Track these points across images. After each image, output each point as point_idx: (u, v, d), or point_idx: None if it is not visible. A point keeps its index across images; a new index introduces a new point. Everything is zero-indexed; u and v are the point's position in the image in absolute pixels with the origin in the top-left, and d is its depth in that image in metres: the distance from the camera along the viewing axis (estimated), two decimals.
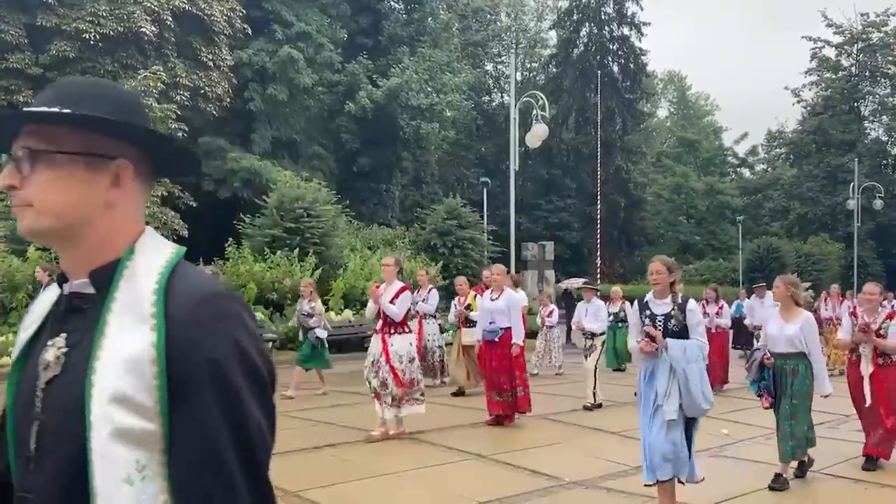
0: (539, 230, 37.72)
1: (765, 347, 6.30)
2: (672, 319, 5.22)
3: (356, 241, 21.87)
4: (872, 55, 44.76)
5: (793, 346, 6.14)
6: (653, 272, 5.31)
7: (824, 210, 42.66)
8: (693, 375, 5.05)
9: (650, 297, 5.38)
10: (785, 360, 6.16)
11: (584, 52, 41.91)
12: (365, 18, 31.95)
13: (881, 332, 6.81)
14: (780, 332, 6.20)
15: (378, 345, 7.73)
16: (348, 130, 30.05)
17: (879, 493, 6.15)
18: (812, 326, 6.19)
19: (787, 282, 6.38)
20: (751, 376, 6.33)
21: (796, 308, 6.28)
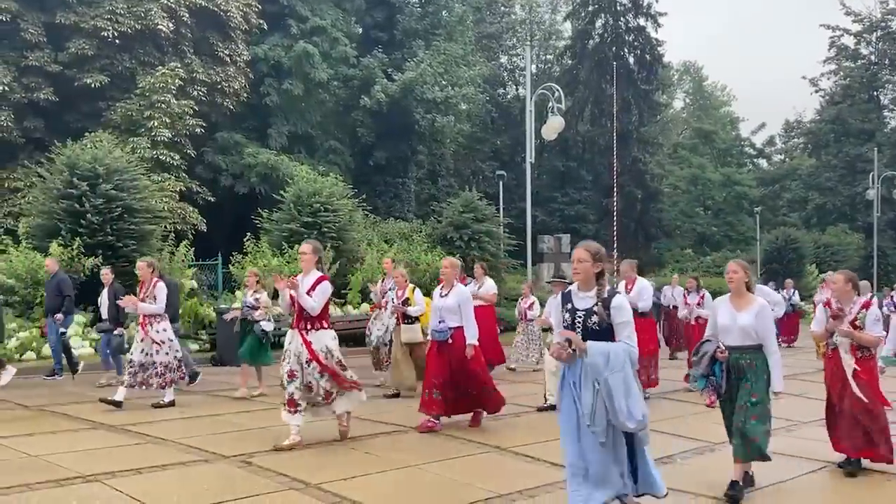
0: (555, 223, 37.67)
1: (716, 339, 5.69)
2: (594, 317, 4.54)
3: (373, 235, 21.93)
4: (892, 43, 44.27)
5: (748, 337, 5.55)
6: (574, 260, 4.66)
7: (843, 200, 42.31)
8: (616, 387, 4.37)
9: (574, 289, 4.72)
10: (740, 354, 5.56)
11: (599, 43, 41.70)
12: (379, 12, 31.96)
13: (857, 322, 6.32)
14: (732, 323, 5.60)
15: (298, 343, 6.94)
16: (364, 125, 30.10)
17: None
18: (767, 314, 5.58)
19: (745, 265, 5.78)
20: (699, 370, 5.67)
21: (749, 295, 5.66)
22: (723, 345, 5.59)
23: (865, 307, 6.35)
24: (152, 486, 5.73)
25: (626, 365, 4.44)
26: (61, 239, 14.67)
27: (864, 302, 6.40)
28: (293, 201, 18.89)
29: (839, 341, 6.34)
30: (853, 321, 6.30)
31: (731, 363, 5.57)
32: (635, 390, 4.45)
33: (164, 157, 20.42)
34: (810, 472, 6.47)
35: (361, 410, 9.00)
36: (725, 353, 5.56)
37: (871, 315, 6.31)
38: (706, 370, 5.62)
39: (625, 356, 4.44)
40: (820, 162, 45.69)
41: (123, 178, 16.04)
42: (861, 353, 6.34)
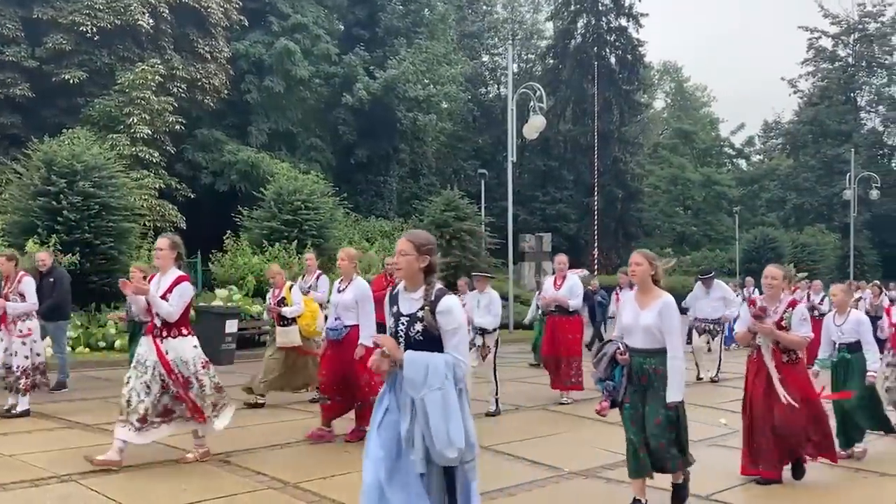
0: (536, 222, 37.75)
1: (619, 339, 5.09)
2: (417, 323, 3.74)
3: (354, 234, 21.89)
4: (869, 45, 44.81)
5: (652, 339, 4.88)
6: (396, 253, 3.89)
7: (821, 200, 42.77)
8: (433, 407, 3.57)
9: (401, 289, 3.92)
10: (644, 358, 4.90)
11: (581, 43, 41.83)
12: (361, 10, 31.88)
13: (783, 322, 5.79)
14: (635, 322, 4.94)
15: (151, 352, 6.11)
16: (345, 122, 30.01)
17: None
18: (672, 312, 4.88)
19: (652, 257, 5.05)
20: (598, 373, 5.07)
21: (655, 290, 4.96)
22: (623, 346, 5.00)
23: (792, 306, 5.87)
24: (129, 485, 5.68)
25: (448, 381, 3.63)
26: (38, 237, 14.50)
27: (790, 300, 5.92)
28: (273, 199, 18.82)
29: (762, 342, 5.83)
30: (779, 321, 5.80)
31: (633, 368, 4.94)
32: (457, 412, 3.63)
33: (143, 154, 20.24)
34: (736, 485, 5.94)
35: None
36: (626, 356, 4.95)
37: (798, 314, 5.82)
38: (605, 373, 5.04)
39: (447, 370, 3.64)
40: (798, 162, 46.16)
41: (101, 175, 15.89)
42: (787, 357, 5.84)
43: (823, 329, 7.16)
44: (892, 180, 41.70)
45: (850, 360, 6.89)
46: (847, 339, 6.93)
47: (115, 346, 13.52)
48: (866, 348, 6.83)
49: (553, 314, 9.76)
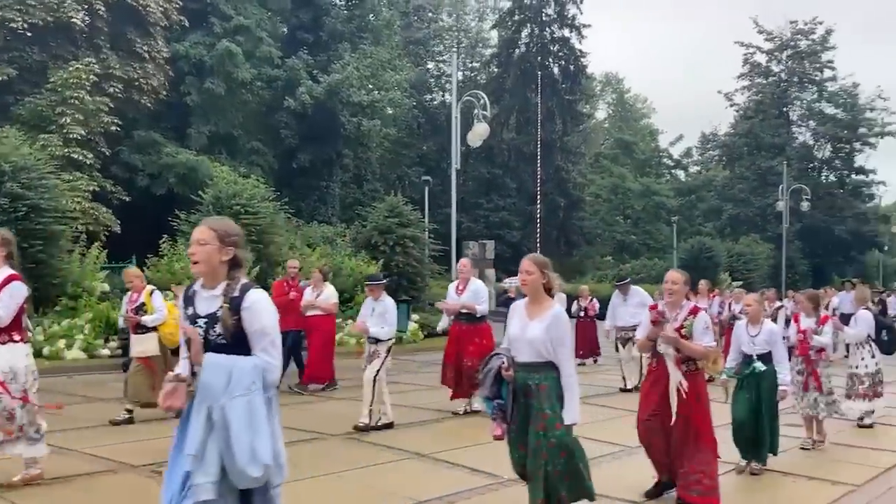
0: (480, 229, 37.93)
1: (506, 352, 4.58)
2: (216, 325, 3.22)
3: (295, 239, 21.59)
4: (801, 62, 46.42)
5: (538, 352, 4.43)
6: (193, 243, 3.35)
7: (755, 211, 44.02)
8: (236, 417, 3.08)
9: (198, 287, 3.39)
10: (528, 373, 4.43)
11: (525, 52, 42.29)
12: (305, 13, 31.60)
13: (683, 331, 5.42)
14: (521, 334, 4.51)
15: None
16: (288, 126, 29.67)
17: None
18: (561, 325, 4.50)
19: (543, 264, 4.60)
20: (484, 391, 4.57)
21: (547, 301, 4.56)
22: (509, 360, 4.49)
23: (693, 313, 5.48)
24: (56, 499, 5.45)
25: (255, 388, 3.15)
26: None
27: (692, 307, 5.56)
28: (212, 203, 18.41)
29: (664, 351, 5.47)
30: (678, 328, 5.41)
31: (517, 384, 4.46)
32: (264, 424, 3.15)
33: (76, 155, 19.62)
34: None
35: None
36: (510, 372, 4.44)
37: (700, 323, 5.45)
38: (491, 391, 4.53)
39: (254, 375, 3.17)
40: (734, 174, 47.44)
41: (31, 176, 15.29)
42: (686, 367, 5.43)
43: (733, 338, 6.92)
44: (821, 192, 43.21)
45: (762, 373, 6.63)
46: (759, 350, 6.69)
47: None
48: (778, 360, 6.61)
49: (459, 321, 9.15)
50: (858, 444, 8.26)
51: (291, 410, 9.34)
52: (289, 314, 10.66)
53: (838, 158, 46.96)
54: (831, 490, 6.34)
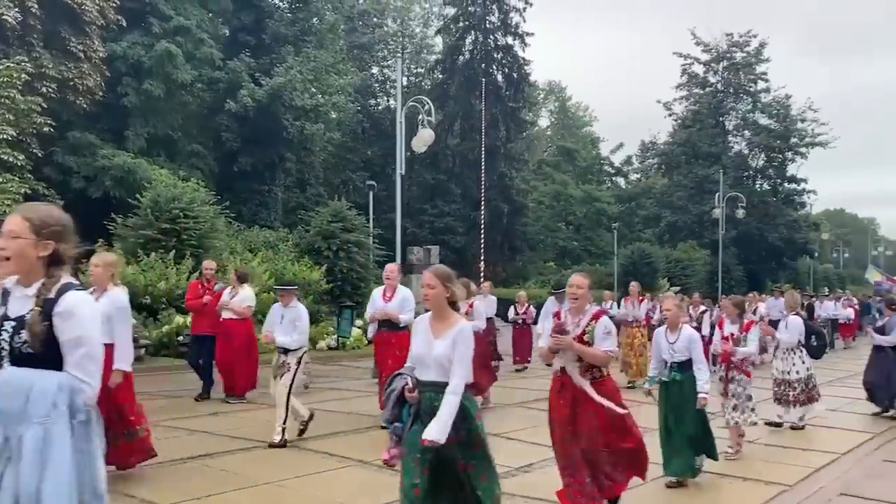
0: (425, 234, 37.92)
1: (409, 372, 4.25)
2: (23, 332, 2.74)
3: (236, 244, 21.27)
4: (736, 73, 47.75)
5: (444, 371, 4.10)
6: (4, 236, 2.82)
7: (692, 218, 45.04)
8: (26, 452, 2.61)
9: (12, 284, 2.90)
10: (436, 393, 4.07)
11: (469, 59, 42.50)
12: (247, 15, 31.16)
13: (585, 337, 5.16)
14: (427, 351, 4.17)
15: None
16: (229, 129, 29.20)
17: None
18: (466, 341, 4.13)
19: (446, 276, 4.24)
20: (385, 414, 4.29)
21: (452, 316, 4.23)
22: (413, 381, 4.17)
23: (596, 318, 5.21)
24: None
25: (57, 414, 2.65)
26: None
27: (595, 312, 5.27)
28: (150, 206, 18.02)
29: (566, 362, 5.22)
30: (581, 335, 5.16)
31: (422, 405, 4.13)
32: (64, 459, 2.64)
33: (6, 156, 18.90)
34: None
35: (215, 425, 8.62)
36: (415, 394, 4.13)
37: (601, 327, 5.18)
38: (391, 414, 4.23)
39: (58, 397, 2.67)
40: (672, 182, 48.47)
41: None
42: (591, 375, 5.18)
43: (654, 345, 6.80)
44: (755, 200, 44.48)
45: (682, 380, 6.48)
46: (679, 357, 6.52)
47: None
48: (697, 367, 6.45)
49: (381, 330, 8.82)
50: (791, 445, 8.52)
51: (229, 418, 9.19)
52: (203, 318, 10.56)
53: (771, 167, 48.45)
54: (765, 490, 6.52)
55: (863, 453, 8.32)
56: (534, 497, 5.91)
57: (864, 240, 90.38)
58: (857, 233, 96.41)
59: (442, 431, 3.93)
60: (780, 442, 8.62)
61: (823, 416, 10.37)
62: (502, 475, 6.45)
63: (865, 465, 7.78)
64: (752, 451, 8.03)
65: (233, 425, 8.52)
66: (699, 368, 6.46)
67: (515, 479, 6.44)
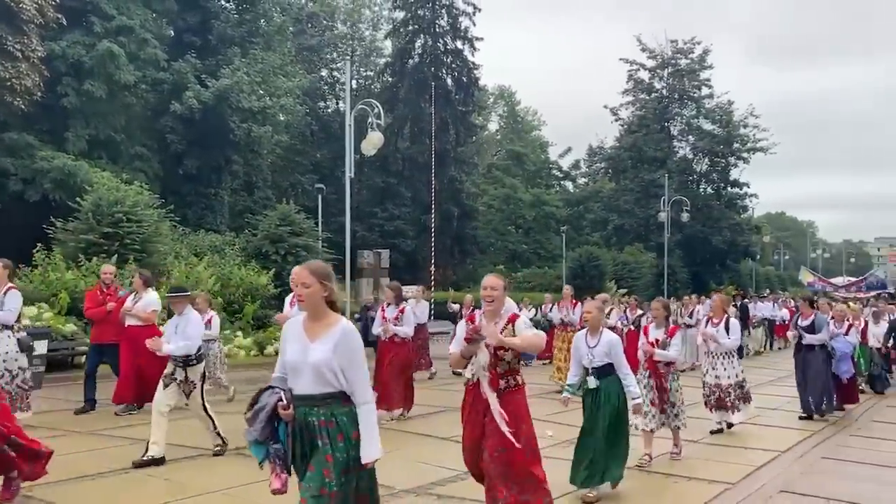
0: (375, 238, 37.78)
1: (283, 384, 3.69)
2: None
3: (181, 248, 20.86)
4: (680, 79, 48.69)
5: (324, 381, 3.55)
6: None
7: (639, 221, 45.76)
8: None
9: None
10: (310, 408, 3.55)
11: (418, 63, 42.52)
12: (193, 16, 30.65)
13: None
14: (302, 359, 3.60)
15: None
16: (174, 131, 28.66)
17: None
18: (353, 343, 3.62)
19: (315, 271, 3.70)
20: (253, 434, 3.68)
21: (330, 315, 3.70)
22: (286, 396, 3.59)
23: (511, 322, 4.84)
24: None
25: None
26: None
27: (511, 315, 4.90)
28: (92, 210, 17.55)
29: (476, 367, 4.78)
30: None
31: (299, 423, 3.58)
32: None
33: None
34: None
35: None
36: (290, 411, 3.56)
37: (521, 324, 4.88)
38: (263, 433, 3.66)
39: None
40: (619, 186, 49.18)
41: None
42: (505, 382, 4.79)
43: (573, 350, 6.47)
44: (700, 204, 45.41)
45: (600, 387, 6.15)
46: (598, 362, 6.18)
47: None
48: (622, 373, 6.14)
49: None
50: (733, 444, 8.70)
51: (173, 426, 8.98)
52: (107, 325, 9.83)
53: (715, 172, 49.52)
54: (708, 489, 6.64)
55: (802, 451, 8.54)
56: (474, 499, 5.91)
57: (803, 242, 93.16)
58: (796, 235, 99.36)
59: (375, 447, 3.59)
60: (723, 441, 8.80)
61: (767, 415, 10.63)
62: (448, 479, 6.47)
63: (804, 462, 7.99)
64: (696, 451, 8.17)
65: (176, 433, 8.33)
66: (625, 374, 6.16)
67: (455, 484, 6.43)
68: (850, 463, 7.98)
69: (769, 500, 6.43)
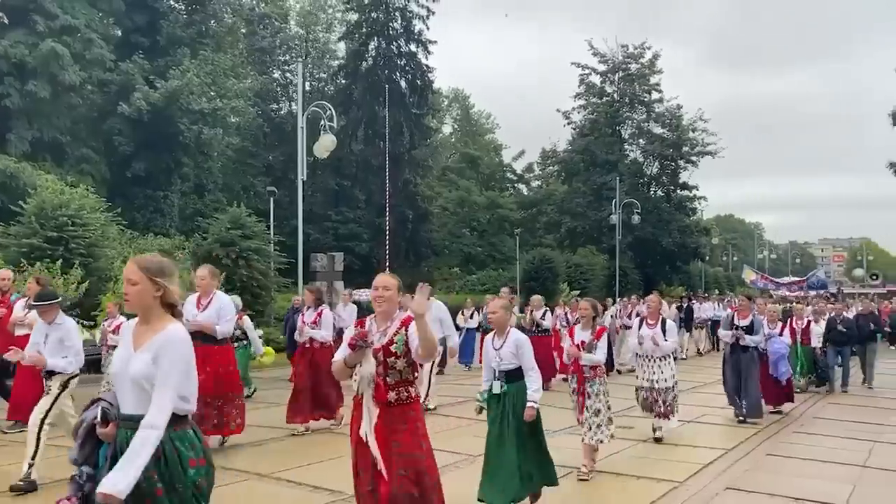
0: (329, 241, 37.49)
1: (111, 397, 3.19)
2: None
3: (129, 252, 20.43)
4: (631, 83, 49.39)
5: (145, 399, 3.04)
6: None
7: (591, 224, 46.28)
8: None
9: None
10: (130, 431, 3.02)
11: (372, 65, 42.38)
12: (141, 16, 30.08)
13: (393, 347, 4.20)
14: (123, 369, 3.13)
15: None
16: (122, 133, 28.10)
17: None
18: (171, 356, 3.09)
19: (147, 267, 3.20)
20: (72, 453, 3.19)
21: (163, 318, 3.21)
22: (106, 412, 3.10)
23: (405, 324, 4.30)
24: None
25: None
26: None
27: (404, 318, 4.33)
28: (35, 214, 17.08)
29: (361, 377, 4.24)
30: (388, 345, 4.22)
31: (118, 444, 3.05)
32: None
33: None
34: None
35: None
36: (109, 429, 3.07)
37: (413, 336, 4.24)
38: (81, 454, 3.15)
39: None
40: (572, 188, 49.66)
41: None
42: (396, 394, 4.19)
43: (483, 353, 5.97)
44: (650, 207, 46.11)
45: (509, 392, 5.60)
46: (506, 365, 5.67)
47: None
48: (528, 374, 5.63)
49: (196, 342, 8.08)
50: (680, 443, 8.85)
51: None
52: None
53: (665, 175, 50.31)
54: (656, 487, 6.75)
55: (747, 448, 8.72)
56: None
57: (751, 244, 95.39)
58: (744, 237, 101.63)
59: (124, 480, 2.84)
60: (671, 440, 8.93)
61: (713, 414, 10.84)
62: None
63: (750, 459, 8.16)
64: (644, 450, 8.30)
65: None
66: (530, 376, 5.63)
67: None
68: (794, 459, 8.17)
69: (715, 497, 6.56)
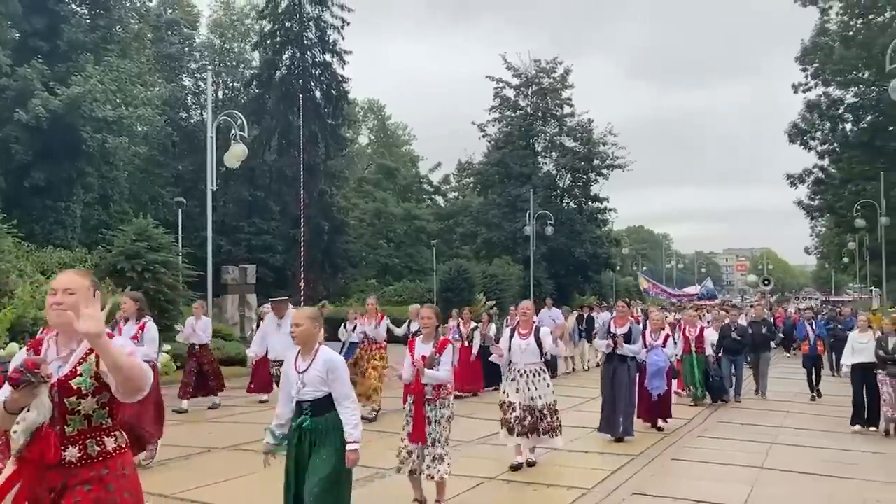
0: (242, 252, 36.67)
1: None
2: None
3: (26, 265, 19.46)
4: (544, 98, 50.41)
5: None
6: None
7: (506, 235, 46.89)
8: None
9: None
10: None
11: (286, 75, 41.81)
12: (40, 19, 28.76)
13: (72, 382, 3.00)
14: None
15: None
16: (19, 141, 26.74)
17: None
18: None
19: None
20: None
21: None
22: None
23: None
24: None
25: None
26: None
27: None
28: None
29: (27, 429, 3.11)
30: (69, 376, 3.08)
31: None
32: None
33: None
34: None
35: None
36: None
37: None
38: None
39: None
40: (487, 200, 50.23)
41: None
42: (81, 452, 2.99)
43: (282, 379, 4.96)
44: (563, 218, 47.06)
45: (313, 427, 4.54)
46: (309, 393, 4.55)
47: None
48: (342, 405, 4.58)
49: None
50: (589, 450, 9.01)
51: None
52: None
53: (577, 187, 51.47)
54: (567, 494, 6.84)
55: (653, 454, 8.96)
56: None
57: (659, 254, 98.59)
58: (653, 247, 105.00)
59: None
60: (580, 447, 9.09)
61: None
62: None
63: (655, 465, 8.38)
64: (555, 458, 8.39)
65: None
66: (345, 407, 4.53)
67: None
68: (698, 463, 8.44)
69: (622, 502, 6.69)
